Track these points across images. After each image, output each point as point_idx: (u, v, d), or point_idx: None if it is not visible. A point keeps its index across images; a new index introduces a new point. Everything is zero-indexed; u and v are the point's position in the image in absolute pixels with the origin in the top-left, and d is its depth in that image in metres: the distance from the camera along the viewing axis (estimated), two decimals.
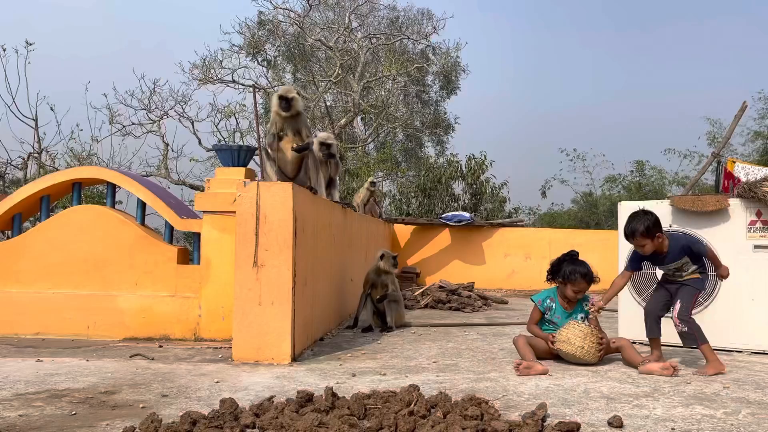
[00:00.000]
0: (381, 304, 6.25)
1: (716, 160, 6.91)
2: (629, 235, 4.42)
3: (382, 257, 6.28)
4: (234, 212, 4.81)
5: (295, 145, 5.24)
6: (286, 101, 5.24)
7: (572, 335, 4.39)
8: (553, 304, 4.69)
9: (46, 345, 5.29)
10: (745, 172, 5.90)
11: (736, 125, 6.71)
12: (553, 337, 4.51)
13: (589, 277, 4.58)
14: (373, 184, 10.55)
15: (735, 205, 5.17)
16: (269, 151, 5.28)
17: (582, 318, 4.64)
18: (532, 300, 4.82)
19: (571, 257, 4.72)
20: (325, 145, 6.56)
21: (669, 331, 5.32)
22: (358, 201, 10.33)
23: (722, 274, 4.44)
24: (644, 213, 4.48)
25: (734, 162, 6.14)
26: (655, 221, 4.41)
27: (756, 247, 5.08)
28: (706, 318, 5.16)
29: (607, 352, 4.57)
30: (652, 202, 5.59)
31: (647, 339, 5.44)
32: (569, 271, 4.61)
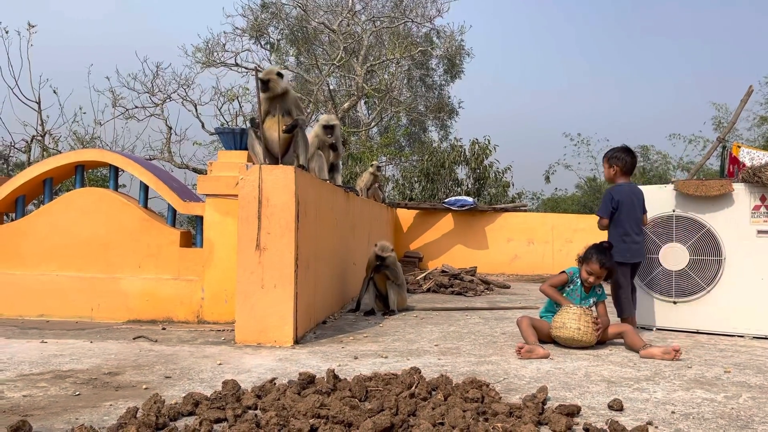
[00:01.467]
0: (383, 287, 6.26)
1: (721, 145, 6.87)
2: None
3: (375, 246, 6.28)
4: (236, 195, 4.81)
5: (284, 126, 5.23)
6: (263, 83, 5.20)
7: (566, 319, 4.42)
8: (578, 281, 4.74)
9: (50, 327, 5.32)
10: (750, 156, 5.87)
11: (741, 110, 6.67)
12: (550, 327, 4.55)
13: (602, 263, 4.57)
14: (378, 168, 10.52)
15: (739, 189, 5.15)
16: (256, 131, 5.27)
17: (594, 302, 4.68)
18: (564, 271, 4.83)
19: (601, 245, 4.75)
20: (328, 128, 6.49)
21: (670, 317, 5.34)
22: (361, 185, 10.32)
23: None
24: (622, 147, 5.16)
25: (739, 147, 6.10)
26: (617, 156, 5.10)
27: (760, 232, 5.06)
28: (708, 303, 5.17)
29: (607, 338, 4.59)
30: (655, 187, 5.57)
31: (645, 324, 5.46)
32: (588, 253, 4.67)
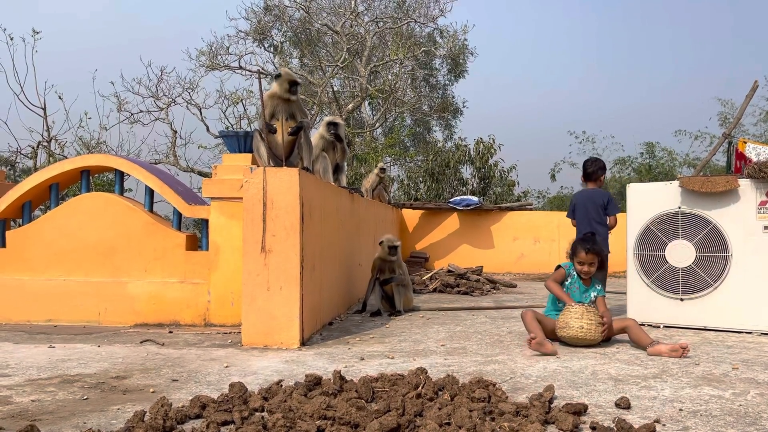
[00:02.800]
0: (389, 288, 6.27)
1: (727, 140, 6.83)
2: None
3: (381, 243, 6.32)
4: (241, 198, 4.82)
5: (289, 129, 5.27)
6: (296, 85, 5.27)
7: (569, 318, 4.42)
8: (574, 274, 4.78)
9: (58, 331, 5.34)
10: (756, 152, 5.83)
11: (747, 105, 6.62)
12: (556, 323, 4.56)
13: (587, 249, 4.65)
14: (382, 170, 10.53)
15: (745, 185, 5.12)
16: (261, 134, 5.29)
17: (595, 296, 4.70)
18: (560, 265, 4.89)
19: (583, 235, 4.91)
20: (332, 125, 6.48)
21: (678, 314, 5.32)
22: (366, 186, 10.32)
23: None
24: (588, 158, 6.12)
25: (745, 142, 6.07)
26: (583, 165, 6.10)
27: (766, 227, 5.03)
28: (715, 300, 5.14)
29: (612, 334, 4.58)
30: (661, 184, 5.56)
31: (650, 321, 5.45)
32: (572, 246, 4.79)
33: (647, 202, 5.47)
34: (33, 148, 14.09)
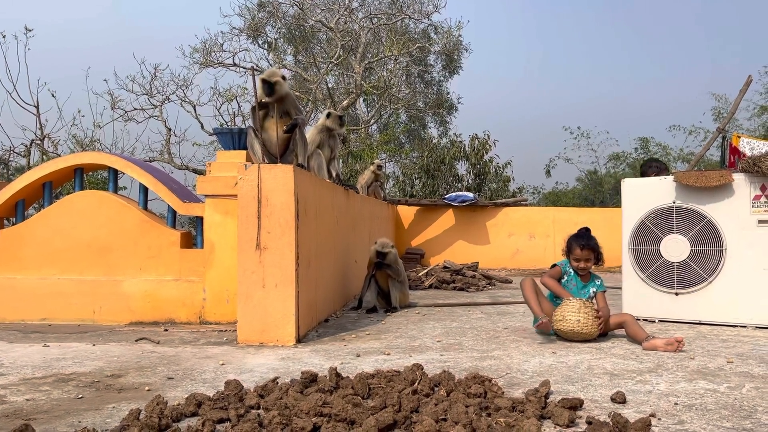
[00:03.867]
0: (385, 284, 6.26)
1: (721, 135, 6.84)
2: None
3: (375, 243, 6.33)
4: (236, 195, 4.81)
5: (284, 127, 5.24)
6: (268, 86, 5.12)
7: (566, 311, 4.44)
8: (571, 271, 4.79)
9: (53, 330, 5.32)
10: (750, 146, 5.85)
11: (741, 100, 6.64)
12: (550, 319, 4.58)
13: (581, 245, 4.67)
14: (379, 167, 10.52)
15: (739, 180, 5.13)
16: (255, 132, 5.26)
17: (594, 292, 4.72)
18: (556, 264, 4.91)
19: (577, 231, 4.88)
20: (341, 118, 6.89)
21: (672, 309, 5.33)
22: (362, 183, 10.31)
23: None
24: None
25: (739, 137, 6.09)
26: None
27: (760, 221, 5.04)
28: (710, 294, 5.16)
29: (609, 329, 4.59)
30: (655, 179, 5.56)
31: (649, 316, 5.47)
32: (567, 243, 4.79)
33: (642, 197, 5.48)
34: (26, 146, 14.02)
